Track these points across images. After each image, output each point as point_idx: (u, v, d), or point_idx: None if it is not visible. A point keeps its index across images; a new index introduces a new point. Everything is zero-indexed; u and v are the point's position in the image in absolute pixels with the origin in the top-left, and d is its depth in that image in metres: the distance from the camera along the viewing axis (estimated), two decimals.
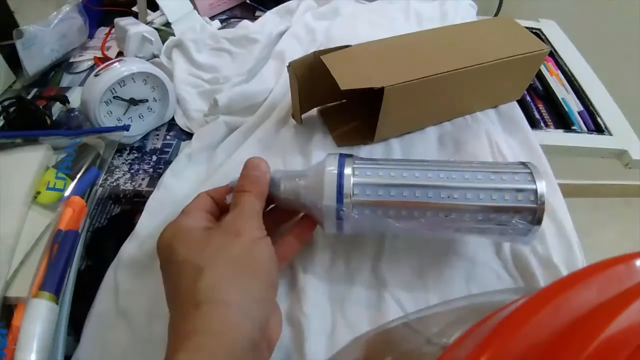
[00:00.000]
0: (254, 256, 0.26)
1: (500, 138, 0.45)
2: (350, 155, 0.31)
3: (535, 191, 0.29)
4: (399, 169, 0.30)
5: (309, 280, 0.33)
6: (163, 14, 0.61)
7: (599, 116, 0.53)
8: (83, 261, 0.36)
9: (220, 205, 0.31)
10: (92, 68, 0.58)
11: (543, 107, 0.54)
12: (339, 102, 0.48)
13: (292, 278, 0.34)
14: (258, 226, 0.28)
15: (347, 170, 0.30)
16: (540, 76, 0.58)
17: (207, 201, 0.30)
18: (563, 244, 0.36)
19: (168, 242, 0.27)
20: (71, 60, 0.60)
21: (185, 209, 0.29)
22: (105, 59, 0.59)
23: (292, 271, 0.34)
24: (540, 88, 0.57)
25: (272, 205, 0.32)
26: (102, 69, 0.44)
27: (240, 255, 0.26)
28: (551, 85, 0.57)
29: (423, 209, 0.29)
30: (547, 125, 0.52)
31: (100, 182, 0.41)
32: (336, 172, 0.30)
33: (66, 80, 0.57)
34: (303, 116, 0.46)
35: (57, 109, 0.52)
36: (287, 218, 0.34)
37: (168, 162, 0.45)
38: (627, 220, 1.39)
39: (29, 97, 0.54)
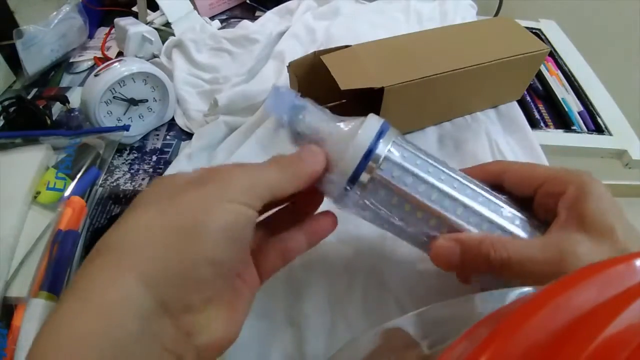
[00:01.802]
0: (206, 216, 0.19)
1: (500, 138, 0.45)
2: (394, 129, 0.27)
3: None
4: (438, 169, 0.26)
5: (309, 280, 0.33)
6: (163, 14, 0.61)
7: (599, 116, 0.53)
8: (83, 261, 0.36)
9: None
10: (92, 68, 0.58)
11: (543, 107, 0.54)
12: (339, 102, 0.48)
13: (292, 278, 0.34)
14: (253, 194, 0.21)
15: (384, 140, 0.25)
16: (540, 76, 0.58)
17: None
18: None
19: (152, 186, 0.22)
20: (71, 60, 0.60)
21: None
22: (105, 59, 0.59)
23: (292, 271, 0.34)
24: (540, 88, 0.57)
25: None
26: (102, 69, 0.44)
27: (191, 205, 0.19)
28: (551, 85, 0.57)
29: (443, 222, 0.26)
30: (547, 125, 0.52)
31: (100, 182, 0.41)
32: (373, 134, 0.25)
33: (66, 80, 0.57)
34: None
35: (57, 109, 0.52)
36: (288, 225, 0.27)
37: (168, 162, 0.45)
38: None
39: (29, 97, 0.54)
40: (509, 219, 0.26)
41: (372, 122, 0.26)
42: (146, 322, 0.17)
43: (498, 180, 0.29)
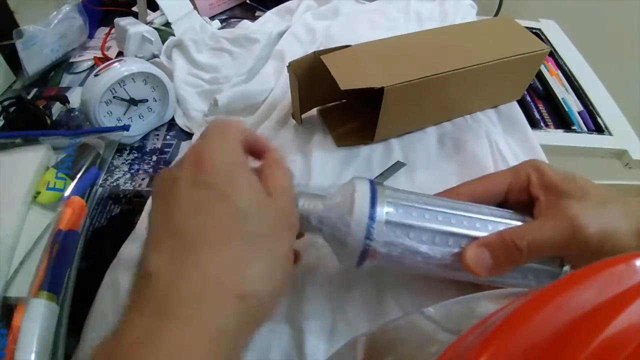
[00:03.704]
0: (289, 254, 0.24)
1: (500, 138, 0.45)
2: (380, 183, 0.28)
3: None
4: (433, 211, 0.27)
5: (309, 280, 0.33)
6: (163, 14, 0.61)
7: (599, 116, 0.53)
8: (83, 261, 0.36)
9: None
10: (92, 68, 0.58)
11: (543, 107, 0.54)
12: (339, 102, 0.48)
13: (292, 278, 0.34)
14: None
15: (380, 206, 0.27)
16: (540, 76, 0.58)
17: (245, 136, 0.24)
18: None
19: (229, 164, 0.22)
20: (71, 60, 0.60)
21: (229, 129, 0.23)
22: (105, 59, 0.59)
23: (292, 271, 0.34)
24: (540, 88, 0.57)
25: None
26: (102, 69, 0.44)
27: (282, 245, 0.23)
28: (551, 85, 0.57)
29: (452, 257, 0.27)
30: (547, 125, 0.52)
31: (100, 182, 0.41)
32: (367, 207, 0.26)
33: (66, 80, 0.57)
34: (303, 116, 0.46)
35: (57, 109, 0.52)
36: None
37: (168, 162, 0.45)
38: None
39: (29, 97, 0.54)
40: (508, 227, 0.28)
41: (362, 190, 0.27)
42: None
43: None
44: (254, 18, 0.64)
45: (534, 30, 0.67)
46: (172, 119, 0.50)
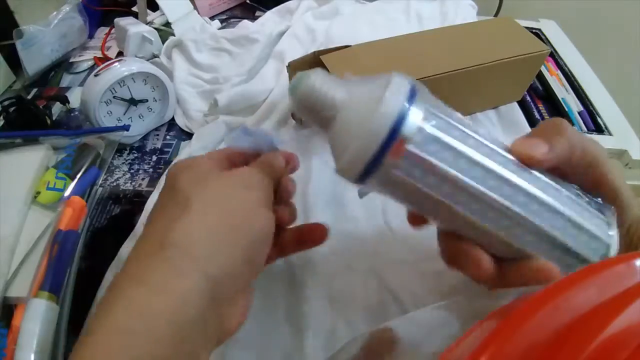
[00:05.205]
0: (251, 219, 0.22)
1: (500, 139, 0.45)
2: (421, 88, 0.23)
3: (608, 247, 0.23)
4: (479, 142, 0.22)
5: (309, 280, 0.33)
6: (163, 14, 0.61)
7: (599, 116, 0.53)
8: (83, 261, 0.36)
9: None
10: (92, 68, 0.58)
11: (543, 107, 0.54)
12: None
13: (291, 277, 0.34)
14: (269, 199, 0.24)
15: (415, 108, 0.21)
16: (540, 76, 0.58)
17: (233, 155, 0.27)
18: None
19: (175, 171, 0.24)
20: (71, 60, 0.60)
21: (209, 153, 0.26)
22: (105, 59, 0.59)
23: (291, 270, 0.34)
24: (540, 88, 0.57)
25: None
26: (102, 69, 0.44)
27: (239, 208, 0.22)
28: (551, 85, 0.57)
29: (486, 204, 0.21)
30: None
31: (100, 182, 0.41)
32: (400, 103, 0.20)
33: (66, 80, 0.57)
34: None
35: (57, 109, 0.52)
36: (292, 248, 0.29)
37: (168, 162, 0.45)
38: None
39: (29, 97, 0.54)
40: (581, 207, 0.23)
41: (398, 84, 0.21)
42: (202, 310, 0.20)
43: None
44: (254, 18, 0.64)
45: (534, 30, 0.67)
46: (172, 119, 0.50)
